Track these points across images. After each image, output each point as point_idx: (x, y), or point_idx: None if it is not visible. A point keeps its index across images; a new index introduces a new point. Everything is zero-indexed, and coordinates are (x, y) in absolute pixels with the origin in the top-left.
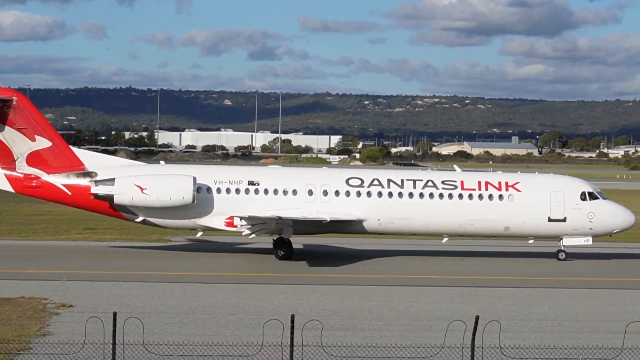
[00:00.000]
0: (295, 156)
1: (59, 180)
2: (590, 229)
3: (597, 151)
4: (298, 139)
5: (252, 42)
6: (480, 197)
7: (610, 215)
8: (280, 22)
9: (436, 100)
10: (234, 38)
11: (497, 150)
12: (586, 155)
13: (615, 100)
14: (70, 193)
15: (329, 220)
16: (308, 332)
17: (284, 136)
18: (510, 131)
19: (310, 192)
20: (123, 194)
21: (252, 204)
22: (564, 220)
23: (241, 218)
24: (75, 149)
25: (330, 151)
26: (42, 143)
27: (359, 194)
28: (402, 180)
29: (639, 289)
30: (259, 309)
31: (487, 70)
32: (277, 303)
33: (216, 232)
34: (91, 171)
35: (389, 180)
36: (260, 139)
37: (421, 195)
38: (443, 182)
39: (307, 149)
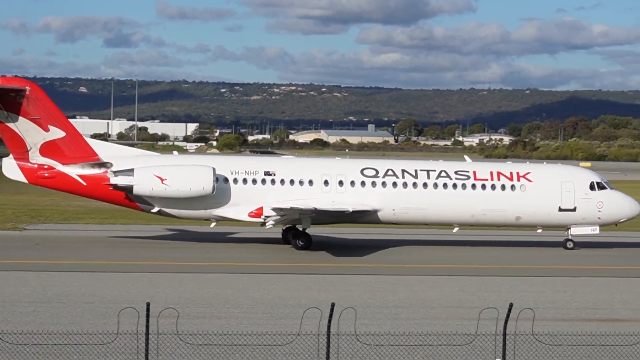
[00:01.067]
0: (152, 144)
1: (74, 171)
2: (599, 218)
3: (452, 139)
4: (155, 127)
5: (107, 29)
6: (493, 187)
7: (618, 204)
8: (137, 9)
9: (293, 88)
10: (90, 25)
11: (354, 139)
12: (441, 143)
13: (470, 89)
14: (85, 184)
15: (351, 210)
16: (164, 320)
17: (140, 124)
18: (366, 119)
19: (326, 183)
20: (143, 185)
21: (268, 194)
22: (574, 209)
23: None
24: (88, 139)
25: (187, 139)
26: (56, 133)
27: (374, 184)
28: (416, 171)
29: (493, 275)
30: (115, 297)
31: (343, 58)
32: (133, 291)
33: (230, 223)
34: (106, 161)
35: (403, 171)
36: (117, 126)
37: (435, 185)
38: (456, 173)
39: (164, 137)
